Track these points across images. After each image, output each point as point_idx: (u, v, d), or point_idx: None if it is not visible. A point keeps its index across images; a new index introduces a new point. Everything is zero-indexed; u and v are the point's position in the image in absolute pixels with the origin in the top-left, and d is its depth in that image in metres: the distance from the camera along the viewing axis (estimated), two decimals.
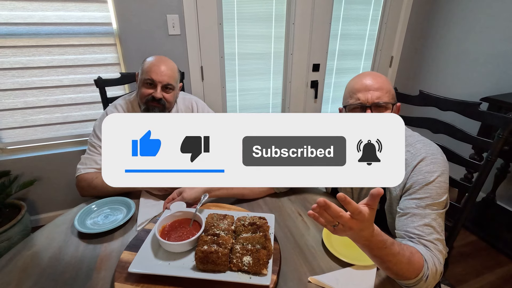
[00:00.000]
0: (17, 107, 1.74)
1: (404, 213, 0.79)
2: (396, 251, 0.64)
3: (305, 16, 2.07)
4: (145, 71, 1.14)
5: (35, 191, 1.92)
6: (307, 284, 0.74)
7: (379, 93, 0.85)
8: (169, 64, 1.17)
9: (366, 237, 0.61)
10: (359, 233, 0.59)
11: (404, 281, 0.69)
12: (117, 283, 0.71)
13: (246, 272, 0.71)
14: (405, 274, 0.67)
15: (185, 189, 0.99)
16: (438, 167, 0.80)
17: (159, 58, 1.17)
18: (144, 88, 1.15)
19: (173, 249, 0.78)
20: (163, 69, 1.14)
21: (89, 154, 1.16)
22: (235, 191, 1.06)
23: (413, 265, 0.67)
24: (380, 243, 0.62)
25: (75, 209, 1.03)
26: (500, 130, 0.94)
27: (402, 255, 0.65)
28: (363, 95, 0.86)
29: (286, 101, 2.31)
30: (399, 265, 0.65)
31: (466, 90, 2.29)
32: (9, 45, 1.61)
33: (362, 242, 0.63)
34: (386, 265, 0.66)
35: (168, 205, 0.95)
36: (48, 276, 0.77)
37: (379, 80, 0.87)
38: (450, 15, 2.31)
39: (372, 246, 0.63)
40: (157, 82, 1.13)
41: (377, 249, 0.63)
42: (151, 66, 1.14)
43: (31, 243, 0.89)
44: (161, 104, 1.16)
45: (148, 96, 1.14)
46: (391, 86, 0.90)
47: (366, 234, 0.60)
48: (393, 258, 0.65)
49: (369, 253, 0.65)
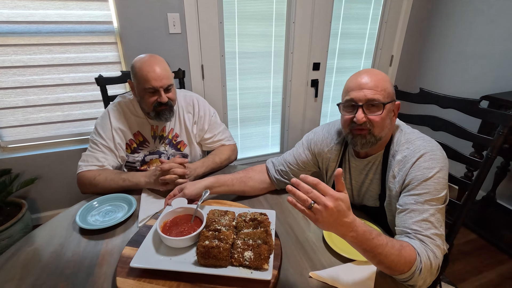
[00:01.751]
0: (18, 106, 1.74)
1: (403, 209, 0.80)
2: (384, 242, 0.67)
3: (306, 15, 2.07)
4: (143, 79, 1.10)
5: (36, 190, 1.92)
6: (308, 279, 0.75)
7: (373, 92, 0.84)
8: (161, 63, 1.12)
9: (349, 226, 0.63)
10: (338, 218, 0.62)
11: (398, 276, 0.70)
12: (119, 277, 0.71)
13: (247, 267, 0.71)
14: (397, 267, 0.68)
15: (186, 185, 0.99)
16: (437, 163, 0.81)
17: (150, 60, 1.11)
18: (148, 97, 1.13)
19: (175, 245, 0.78)
20: (159, 72, 1.10)
21: (91, 152, 1.16)
22: (236, 188, 1.07)
23: (405, 258, 0.68)
24: (366, 233, 0.65)
25: (77, 206, 1.04)
26: (500, 127, 0.94)
27: (391, 247, 0.67)
28: (356, 93, 0.86)
29: (286, 99, 2.32)
30: (390, 257, 0.67)
31: (466, 88, 2.29)
32: (10, 43, 1.61)
33: (349, 235, 0.65)
34: (378, 259, 0.67)
35: (170, 201, 0.95)
36: (50, 271, 0.77)
37: (375, 78, 0.85)
38: (450, 13, 2.31)
39: (360, 238, 0.65)
40: (159, 88, 1.11)
41: (365, 241, 0.65)
42: (146, 73, 1.09)
43: (33, 239, 0.89)
44: (168, 105, 1.16)
45: (155, 103, 1.14)
46: (389, 84, 0.88)
47: (347, 221, 0.63)
48: (383, 250, 0.66)
49: (359, 247, 0.67)
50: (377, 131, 0.87)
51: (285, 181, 1.10)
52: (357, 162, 1.00)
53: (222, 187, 1.04)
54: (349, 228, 0.64)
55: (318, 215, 0.62)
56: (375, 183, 0.97)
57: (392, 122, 0.91)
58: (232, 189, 1.07)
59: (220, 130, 1.38)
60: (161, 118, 1.17)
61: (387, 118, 0.87)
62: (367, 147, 0.90)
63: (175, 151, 1.31)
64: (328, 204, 0.60)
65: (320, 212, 0.61)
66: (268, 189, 1.13)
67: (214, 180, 1.03)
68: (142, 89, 1.13)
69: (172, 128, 1.30)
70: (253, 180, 1.09)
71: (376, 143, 0.89)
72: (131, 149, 1.25)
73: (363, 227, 0.66)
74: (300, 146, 1.12)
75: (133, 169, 1.28)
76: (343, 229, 0.64)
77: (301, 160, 1.09)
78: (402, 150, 0.88)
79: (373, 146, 0.90)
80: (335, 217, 0.62)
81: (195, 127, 1.33)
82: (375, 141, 0.89)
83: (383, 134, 0.88)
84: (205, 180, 1.03)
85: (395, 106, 0.90)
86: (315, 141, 1.09)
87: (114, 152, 1.19)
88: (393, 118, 0.91)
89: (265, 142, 2.47)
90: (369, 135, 0.87)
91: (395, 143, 0.91)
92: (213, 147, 1.38)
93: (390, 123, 0.89)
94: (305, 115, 2.43)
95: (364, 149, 0.92)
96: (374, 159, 0.95)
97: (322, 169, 1.11)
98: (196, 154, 1.37)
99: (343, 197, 0.62)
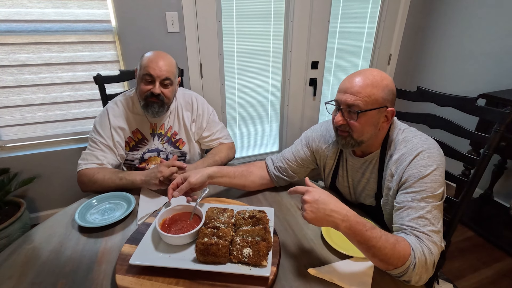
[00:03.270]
0: (16, 105, 1.74)
1: (400, 206, 0.80)
2: (378, 235, 0.70)
3: (304, 14, 2.07)
4: (144, 66, 1.14)
5: (35, 189, 1.92)
6: (306, 276, 0.75)
7: (353, 98, 0.82)
8: (167, 59, 1.16)
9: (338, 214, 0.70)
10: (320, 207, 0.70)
11: (393, 271, 0.71)
12: (118, 275, 0.71)
13: (246, 263, 0.72)
14: (391, 261, 0.69)
15: (190, 173, 0.96)
16: (434, 161, 0.81)
17: (157, 53, 1.16)
18: (143, 84, 1.15)
19: (174, 242, 0.78)
20: (161, 64, 1.13)
21: (90, 150, 1.16)
22: (237, 181, 1.07)
23: (399, 252, 0.69)
24: (359, 224, 0.70)
25: (76, 204, 1.04)
26: (497, 125, 0.95)
27: (385, 240, 0.69)
28: (340, 96, 0.86)
29: (285, 98, 2.32)
30: (383, 250, 0.68)
31: (463, 87, 2.31)
32: (8, 42, 1.61)
33: (342, 225, 0.70)
34: (372, 252, 0.69)
35: (175, 193, 0.93)
36: (49, 269, 0.77)
37: (363, 83, 0.82)
38: (447, 12, 2.32)
39: (353, 228, 0.69)
40: (155, 77, 1.13)
41: (359, 232, 0.69)
42: (149, 61, 1.13)
43: (32, 237, 0.89)
44: (160, 99, 1.16)
45: (147, 92, 1.14)
46: (380, 90, 0.82)
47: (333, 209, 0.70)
48: (376, 243, 0.68)
49: (354, 239, 0.71)
50: (356, 135, 0.87)
51: (284, 178, 1.11)
52: (354, 161, 1.01)
53: (224, 178, 1.04)
54: (340, 217, 0.69)
55: (305, 213, 0.71)
56: (372, 182, 0.98)
57: (381, 128, 0.88)
58: (233, 182, 1.07)
59: (218, 128, 1.39)
60: (149, 110, 1.17)
61: (369, 124, 0.85)
62: (347, 147, 0.91)
63: (173, 149, 1.32)
64: (304, 197, 0.72)
65: (304, 210, 0.71)
66: (267, 186, 1.13)
67: (217, 170, 1.03)
68: (141, 76, 1.15)
69: (171, 126, 1.30)
70: (253, 175, 1.10)
71: (359, 145, 0.90)
72: (130, 147, 1.25)
73: (356, 218, 0.70)
74: (298, 143, 1.13)
75: (132, 166, 1.28)
76: (334, 218, 0.70)
77: (299, 157, 1.10)
78: (399, 148, 0.87)
79: (356, 147, 0.91)
80: (317, 207, 0.70)
81: (193, 125, 1.34)
82: (356, 144, 0.89)
83: (363, 138, 0.88)
84: (208, 169, 1.01)
85: (387, 112, 0.86)
86: (313, 138, 1.09)
87: (113, 150, 1.19)
88: (383, 124, 0.87)
89: (264, 141, 2.47)
90: (348, 137, 0.89)
91: (392, 142, 0.91)
92: (212, 145, 1.38)
93: (376, 129, 0.87)
94: (303, 114, 2.43)
95: (346, 149, 0.94)
96: (371, 158, 0.96)
97: (320, 166, 1.12)
98: (194, 152, 1.38)
99: (312, 189, 0.73)
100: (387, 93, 0.84)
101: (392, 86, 0.86)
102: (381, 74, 0.85)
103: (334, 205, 0.71)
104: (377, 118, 0.85)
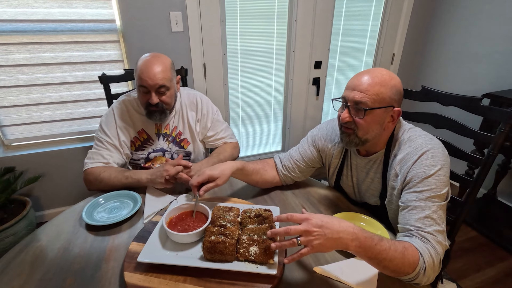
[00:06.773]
0: (22, 104, 1.75)
1: (405, 206, 0.80)
2: (387, 246, 0.68)
3: (307, 13, 2.07)
4: (137, 77, 1.11)
5: (40, 187, 1.93)
6: (312, 274, 0.76)
7: (361, 95, 0.83)
8: (160, 64, 1.11)
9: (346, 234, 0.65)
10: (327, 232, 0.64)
11: (404, 277, 0.71)
12: (127, 272, 0.72)
13: (253, 262, 0.73)
14: (402, 269, 0.68)
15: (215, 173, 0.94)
16: (438, 160, 0.81)
17: (149, 60, 1.11)
18: (141, 95, 1.15)
19: (181, 240, 0.79)
20: (153, 72, 1.09)
21: (96, 149, 1.17)
22: (253, 177, 1.08)
23: (408, 259, 0.68)
24: (368, 239, 0.66)
25: (82, 203, 1.05)
26: (501, 125, 0.95)
27: (394, 250, 0.68)
28: (348, 93, 0.87)
29: (288, 98, 2.32)
30: (394, 260, 0.67)
31: (467, 87, 2.30)
32: (14, 42, 1.62)
33: (352, 244, 0.66)
34: (383, 264, 0.68)
35: (201, 192, 0.92)
36: (57, 267, 0.78)
37: (371, 81, 0.83)
38: (451, 12, 2.31)
39: (363, 246, 0.66)
40: (149, 88, 1.11)
41: (369, 248, 0.66)
42: (140, 72, 1.10)
43: (40, 236, 0.90)
44: (159, 108, 1.16)
45: (146, 103, 1.15)
46: (388, 89, 0.83)
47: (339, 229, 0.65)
48: (387, 255, 0.67)
49: (365, 256, 0.68)
50: (361, 133, 0.87)
51: (290, 177, 1.12)
52: (359, 160, 1.01)
53: (243, 175, 1.06)
54: (349, 237, 0.65)
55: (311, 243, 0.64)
56: (376, 181, 0.98)
57: (386, 128, 0.89)
58: (249, 179, 1.08)
59: (223, 128, 1.39)
60: (151, 118, 1.18)
61: (375, 123, 0.85)
62: (351, 146, 0.91)
63: (178, 149, 1.33)
64: (306, 228, 0.64)
65: (309, 241, 0.64)
66: (276, 185, 1.14)
67: (240, 166, 1.02)
68: (137, 86, 1.15)
69: (175, 126, 1.31)
70: (267, 174, 1.11)
71: (363, 144, 0.90)
72: (136, 146, 1.26)
73: (364, 233, 0.67)
74: (305, 142, 1.13)
75: (138, 166, 1.29)
76: (343, 240, 0.65)
77: (306, 156, 1.10)
78: (403, 148, 0.88)
79: (360, 146, 0.91)
80: (323, 233, 0.64)
81: (198, 125, 1.34)
82: (360, 142, 0.89)
83: (368, 137, 0.88)
84: (232, 167, 1.00)
85: (393, 112, 0.86)
86: (319, 137, 1.10)
87: (119, 150, 1.20)
88: (389, 124, 0.88)
89: (267, 140, 2.48)
90: (353, 135, 0.89)
91: (396, 141, 0.91)
92: (216, 145, 1.39)
93: (381, 128, 0.87)
94: (306, 113, 2.43)
95: (349, 147, 0.93)
96: (376, 157, 0.96)
97: (325, 165, 1.12)
98: (199, 151, 1.38)
99: (311, 216, 0.66)
100: (394, 93, 0.84)
101: (400, 86, 0.86)
102: (390, 74, 0.85)
103: (339, 226, 0.66)
104: (383, 117, 0.86)
